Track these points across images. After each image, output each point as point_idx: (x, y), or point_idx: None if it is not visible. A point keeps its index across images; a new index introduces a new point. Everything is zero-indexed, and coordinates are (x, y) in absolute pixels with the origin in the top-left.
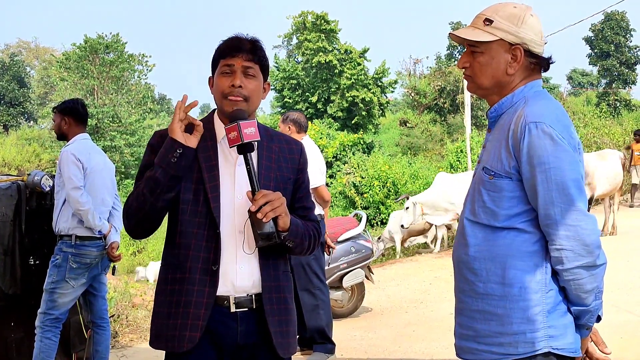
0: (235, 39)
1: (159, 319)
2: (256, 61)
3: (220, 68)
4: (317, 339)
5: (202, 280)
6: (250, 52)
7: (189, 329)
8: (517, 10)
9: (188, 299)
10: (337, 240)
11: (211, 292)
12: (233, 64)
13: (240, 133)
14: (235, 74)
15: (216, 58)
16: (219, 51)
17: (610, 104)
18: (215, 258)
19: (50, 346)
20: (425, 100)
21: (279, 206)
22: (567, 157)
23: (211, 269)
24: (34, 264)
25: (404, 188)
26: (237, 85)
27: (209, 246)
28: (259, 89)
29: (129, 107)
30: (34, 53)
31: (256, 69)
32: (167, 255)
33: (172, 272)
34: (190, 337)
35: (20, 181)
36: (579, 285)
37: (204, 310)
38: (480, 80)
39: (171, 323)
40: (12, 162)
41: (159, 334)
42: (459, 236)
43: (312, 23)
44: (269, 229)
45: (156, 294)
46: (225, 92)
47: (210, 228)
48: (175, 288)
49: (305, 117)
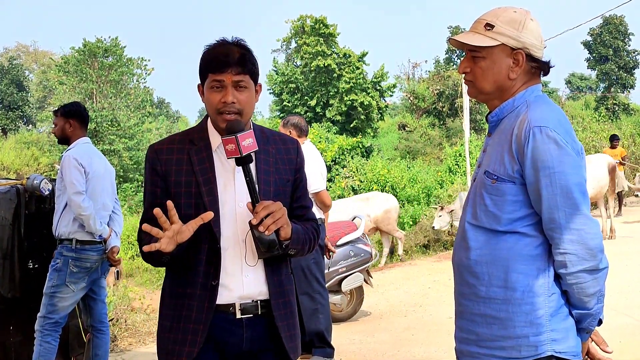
0: (222, 50)
1: (162, 332)
2: (246, 72)
3: (210, 82)
4: (316, 343)
5: (201, 296)
6: (238, 64)
7: (188, 344)
8: (518, 14)
9: (188, 314)
10: (336, 244)
11: (209, 307)
12: (223, 79)
13: (239, 146)
14: (227, 90)
15: (204, 70)
16: (205, 63)
17: (608, 108)
18: (216, 273)
19: (50, 350)
20: (424, 104)
21: (281, 217)
22: (571, 161)
23: (210, 284)
24: (33, 267)
25: (403, 192)
26: (230, 101)
27: (209, 260)
28: (252, 97)
29: (128, 111)
30: (33, 57)
31: (247, 79)
32: (169, 268)
33: (176, 286)
34: (189, 352)
35: (20, 185)
36: (581, 288)
37: (202, 326)
38: (481, 85)
39: (172, 337)
40: (11, 166)
41: (162, 346)
42: (459, 240)
43: (310, 27)
44: (271, 240)
45: (161, 306)
46: (219, 109)
47: (210, 242)
48: (177, 302)
49: (305, 121)
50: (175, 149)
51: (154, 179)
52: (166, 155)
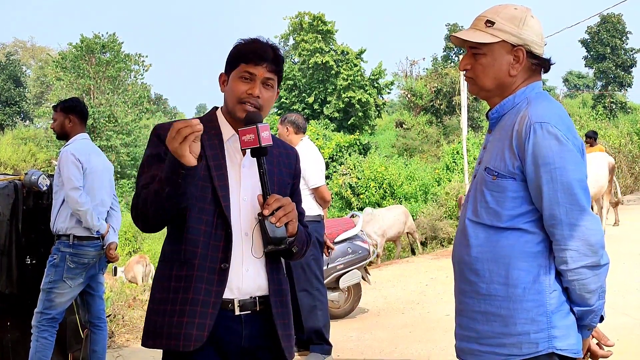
0: (259, 45)
1: (158, 317)
2: (276, 73)
3: (240, 72)
4: (314, 339)
5: (210, 279)
6: (273, 62)
7: (195, 328)
8: (518, 11)
9: (195, 297)
10: (334, 241)
11: (219, 291)
12: (255, 73)
13: (259, 136)
14: (255, 83)
15: (235, 59)
16: (240, 54)
17: (606, 106)
18: (226, 257)
19: (47, 346)
20: (421, 102)
21: (291, 211)
22: (572, 157)
23: (220, 267)
24: (30, 263)
25: (400, 189)
26: (256, 95)
27: (218, 245)
28: (273, 98)
29: (125, 107)
30: (30, 52)
31: (275, 80)
32: (171, 251)
33: (177, 269)
34: (198, 335)
35: (18, 180)
36: (583, 285)
37: (211, 309)
38: (482, 81)
39: (175, 320)
40: (8, 162)
41: (159, 331)
42: (459, 237)
43: (308, 24)
44: (280, 234)
45: (155, 291)
46: (242, 98)
47: (220, 227)
48: (180, 285)
49: (303, 119)
50: None
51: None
52: None
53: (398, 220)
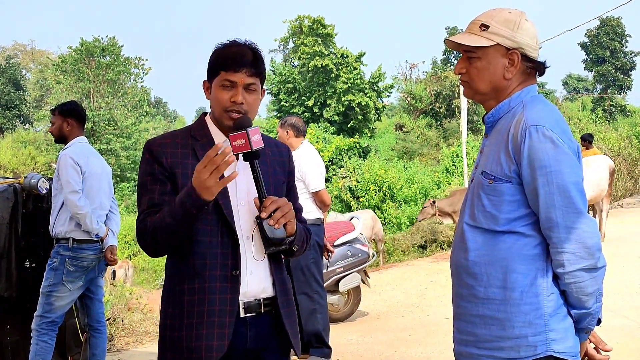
0: (236, 50)
1: (175, 332)
2: (257, 75)
3: (221, 80)
4: (314, 343)
5: (222, 288)
6: (252, 65)
7: (216, 338)
8: (513, 15)
9: (211, 308)
10: (334, 244)
11: (233, 298)
12: (236, 80)
13: (250, 141)
14: (237, 90)
15: (215, 67)
16: (219, 61)
17: (605, 109)
18: (236, 263)
19: (46, 349)
20: (421, 105)
21: (288, 211)
22: (568, 160)
23: (231, 274)
24: (30, 266)
25: (400, 192)
26: (239, 102)
27: (227, 253)
28: (258, 99)
29: (125, 110)
30: (30, 56)
31: (257, 82)
32: (178, 265)
33: (189, 282)
34: (219, 346)
35: (17, 184)
36: (580, 288)
37: (229, 318)
38: (477, 85)
39: (194, 334)
40: (8, 165)
41: (177, 345)
42: (457, 241)
43: (308, 27)
44: (280, 234)
45: (167, 306)
46: (226, 107)
47: (226, 235)
48: (194, 298)
49: (303, 122)
50: (180, 144)
51: (159, 170)
52: (171, 148)
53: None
